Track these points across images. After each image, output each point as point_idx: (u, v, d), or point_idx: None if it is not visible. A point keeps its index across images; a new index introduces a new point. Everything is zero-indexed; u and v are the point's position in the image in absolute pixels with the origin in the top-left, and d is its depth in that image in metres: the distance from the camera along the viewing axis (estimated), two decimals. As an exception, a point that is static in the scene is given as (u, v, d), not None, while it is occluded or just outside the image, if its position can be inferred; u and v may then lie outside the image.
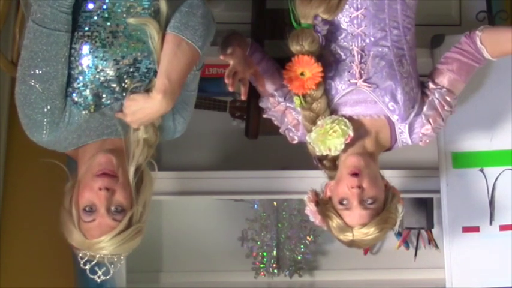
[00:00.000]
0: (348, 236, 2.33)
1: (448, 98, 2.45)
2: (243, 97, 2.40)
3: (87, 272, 2.21)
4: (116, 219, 2.16)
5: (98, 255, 2.19)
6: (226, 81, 2.33)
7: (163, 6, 2.21)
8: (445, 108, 2.45)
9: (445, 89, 2.46)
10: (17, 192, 3.36)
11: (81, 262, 2.20)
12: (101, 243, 2.15)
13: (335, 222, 2.34)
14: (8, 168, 3.37)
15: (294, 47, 2.40)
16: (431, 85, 2.47)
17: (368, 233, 2.31)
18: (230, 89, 2.36)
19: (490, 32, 2.45)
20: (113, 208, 2.15)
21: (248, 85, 2.44)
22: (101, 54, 2.17)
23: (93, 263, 2.20)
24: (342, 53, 2.46)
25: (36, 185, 3.32)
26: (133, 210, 2.18)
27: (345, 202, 2.33)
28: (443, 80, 2.47)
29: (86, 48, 2.16)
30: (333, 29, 2.46)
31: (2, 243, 3.31)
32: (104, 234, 2.15)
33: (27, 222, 3.33)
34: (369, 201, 2.31)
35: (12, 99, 2.21)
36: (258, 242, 4.05)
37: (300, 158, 2.60)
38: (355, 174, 2.32)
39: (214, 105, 3.88)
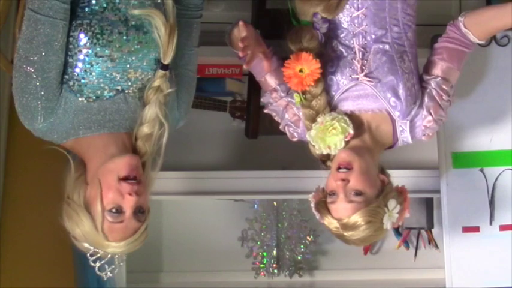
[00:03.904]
0: (338, 230, 2.32)
1: (444, 87, 2.46)
2: (246, 66, 2.37)
3: (97, 269, 2.19)
4: (140, 221, 2.15)
5: (108, 253, 2.17)
6: (240, 44, 2.31)
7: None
8: (443, 97, 2.45)
9: (440, 78, 2.47)
10: (17, 191, 3.35)
11: (91, 259, 2.18)
12: (120, 245, 2.14)
13: (324, 217, 2.34)
14: (8, 168, 3.37)
15: (293, 44, 2.40)
16: (426, 77, 2.48)
17: (354, 224, 2.29)
18: (240, 55, 2.33)
19: (471, 15, 2.47)
20: (138, 211, 2.14)
21: (254, 57, 2.41)
22: (99, 43, 2.16)
23: (104, 260, 2.18)
24: (343, 50, 2.46)
25: (36, 184, 3.32)
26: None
27: (332, 194, 2.32)
28: (437, 70, 2.48)
29: (84, 37, 2.16)
30: (334, 28, 2.47)
31: (2, 243, 3.31)
32: (128, 236, 2.13)
33: (27, 222, 3.32)
34: (354, 193, 2.30)
35: (12, 99, 2.20)
36: (258, 242, 4.05)
37: (300, 158, 2.60)
38: (341, 168, 2.31)
39: (214, 105, 3.88)
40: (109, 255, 2.17)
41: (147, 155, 2.23)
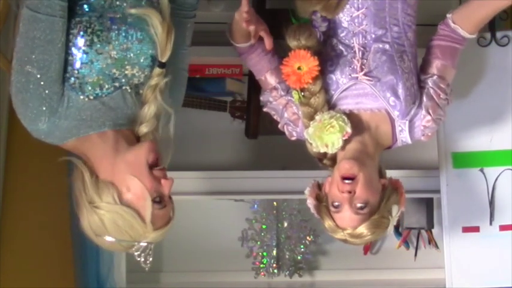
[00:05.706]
0: (341, 236, 2.34)
1: (441, 85, 2.47)
2: (253, 40, 2.42)
3: (142, 262, 2.20)
4: (172, 202, 2.21)
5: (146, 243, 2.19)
6: (245, 14, 2.33)
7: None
8: (441, 96, 2.46)
9: (436, 76, 2.47)
10: (17, 191, 3.36)
11: (137, 254, 2.19)
12: (162, 231, 2.18)
13: (327, 223, 2.36)
14: (8, 168, 3.37)
15: (292, 42, 2.41)
16: (423, 76, 2.49)
17: (360, 235, 2.32)
18: (245, 26, 2.35)
19: (458, 10, 2.49)
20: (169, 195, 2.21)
21: (258, 35, 2.42)
22: (99, 40, 2.16)
23: (146, 252, 2.20)
24: (343, 49, 2.46)
25: (36, 184, 3.33)
26: None
27: (336, 204, 2.33)
28: (432, 68, 2.49)
29: (84, 34, 2.16)
30: (334, 27, 2.47)
31: (2, 243, 3.32)
32: (169, 221, 2.20)
33: (27, 221, 3.33)
34: (359, 206, 2.30)
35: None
36: (258, 242, 4.05)
37: (300, 158, 2.60)
38: (346, 179, 2.31)
39: (214, 105, 3.88)
40: (146, 245, 2.19)
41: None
